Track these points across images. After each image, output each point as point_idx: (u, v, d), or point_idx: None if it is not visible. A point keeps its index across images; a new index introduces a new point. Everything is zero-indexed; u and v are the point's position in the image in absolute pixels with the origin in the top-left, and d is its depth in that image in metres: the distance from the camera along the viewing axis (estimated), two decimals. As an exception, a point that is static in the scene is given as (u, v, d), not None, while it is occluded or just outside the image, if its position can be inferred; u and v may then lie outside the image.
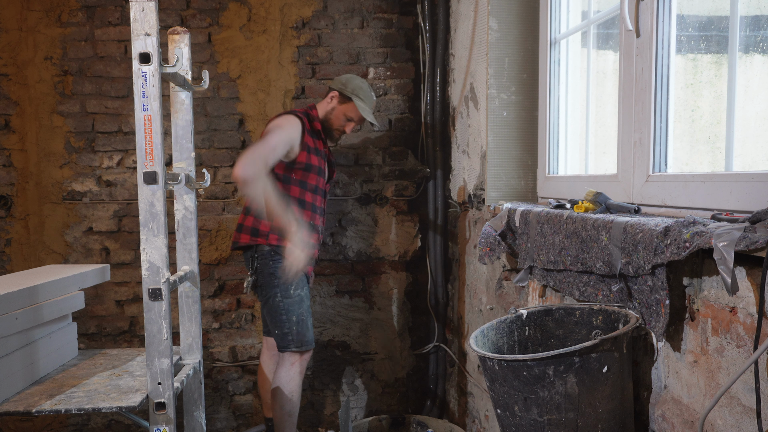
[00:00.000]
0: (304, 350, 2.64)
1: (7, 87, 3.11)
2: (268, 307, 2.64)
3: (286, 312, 2.60)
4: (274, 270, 2.58)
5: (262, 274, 2.61)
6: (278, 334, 2.63)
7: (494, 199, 2.42)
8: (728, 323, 1.13)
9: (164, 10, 3.13)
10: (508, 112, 2.40)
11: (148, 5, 1.63)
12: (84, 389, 1.90)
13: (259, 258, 2.61)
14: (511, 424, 1.38)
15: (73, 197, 3.19)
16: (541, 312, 1.60)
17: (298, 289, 2.61)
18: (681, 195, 1.46)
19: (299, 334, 2.61)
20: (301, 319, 2.62)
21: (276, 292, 2.59)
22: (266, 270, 2.60)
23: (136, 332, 3.27)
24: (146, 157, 1.67)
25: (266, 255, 2.60)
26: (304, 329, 2.63)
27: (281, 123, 2.54)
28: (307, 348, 2.64)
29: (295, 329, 2.61)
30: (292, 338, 2.61)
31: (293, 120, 2.57)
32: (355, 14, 3.25)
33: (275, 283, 2.59)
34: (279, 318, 2.61)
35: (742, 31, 1.32)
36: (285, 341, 2.62)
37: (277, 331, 2.63)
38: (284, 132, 2.50)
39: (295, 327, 2.61)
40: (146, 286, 1.71)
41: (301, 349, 2.62)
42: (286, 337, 2.61)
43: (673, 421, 1.32)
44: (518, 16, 2.36)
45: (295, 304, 2.61)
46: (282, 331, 2.62)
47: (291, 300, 2.60)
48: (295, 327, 2.60)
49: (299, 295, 2.62)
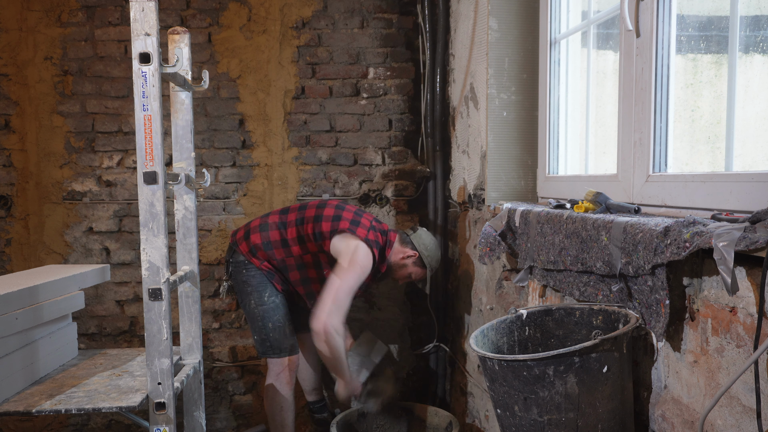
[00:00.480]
0: (284, 356, 2.64)
1: (7, 87, 3.11)
2: (246, 313, 2.68)
3: (261, 318, 2.62)
4: (247, 278, 2.61)
5: (235, 281, 2.66)
6: (256, 339, 2.67)
7: (494, 199, 2.42)
8: (728, 323, 1.13)
9: (164, 10, 3.13)
10: (508, 112, 2.40)
11: (148, 5, 1.63)
12: (84, 389, 1.90)
13: (234, 264, 2.64)
14: (511, 424, 1.38)
15: (73, 197, 3.19)
16: (541, 312, 1.60)
17: (272, 296, 2.62)
18: (681, 195, 1.46)
19: (276, 341, 2.63)
20: (278, 325, 2.62)
21: (250, 300, 2.62)
22: (239, 278, 2.63)
23: (136, 332, 3.27)
24: (146, 157, 1.67)
25: (240, 264, 2.62)
26: (282, 336, 2.63)
27: (363, 263, 2.46)
28: (286, 354, 2.64)
29: (271, 335, 2.62)
30: (269, 344, 2.64)
31: (370, 260, 2.49)
32: (355, 14, 3.25)
33: (248, 290, 2.62)
34: (256, 324, 2.64)
35: (742, 31, 1.32)
36: (263, 347, 2.66)
37: (255, 336, 2.67)
38: (363, 274, 2.46)
39: (272, 333, 2.62)
40: (146, 286, 1.72)
41: (280, 355, 2.63)
42: (264, 343, 2.64)
43: (673, 421, 1.32)
44: (518, 16, 2.36)
45: (270, 311, 2.61)
46: (260, 337, 2.65)
47: (265, 307, 2.61)
48: (271, 333, 2.62)
49: (274, 301, 2.62)
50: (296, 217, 2.60)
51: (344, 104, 3.29)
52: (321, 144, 3.29)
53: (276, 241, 2.58)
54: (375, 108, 3.31)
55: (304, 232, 2.57)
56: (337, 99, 3.28)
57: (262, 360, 3.33)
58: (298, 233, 2.58)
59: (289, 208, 2.68)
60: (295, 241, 2.58)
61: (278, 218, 2.62)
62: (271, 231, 2.59)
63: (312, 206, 2.62)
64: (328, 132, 3.29)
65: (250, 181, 3.27)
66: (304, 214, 2.59)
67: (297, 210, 2.64)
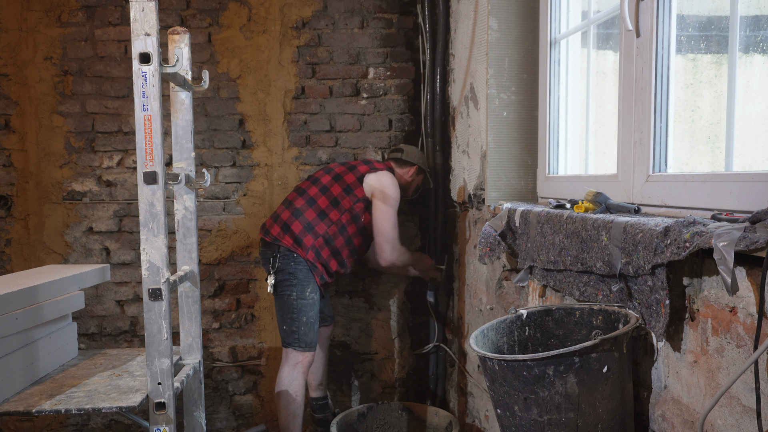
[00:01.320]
0: (306, 351, 2.72)
1: (7, 87, 3.11)
2: (281, 303, 2.73)
3: (298, 311, 2.69)
4: (294, 270, 2.69)
5: (282, 271, 2.70)
6: (285, 330, 2.72)
7: (494, 199, 2.42)
8: (728, 323, 1.13)
9: (164, 10, 3.13)
10: (508, 112, 2.40)
11: (148, 5, 1.63)
12: (84, 389, 1.90)
13: (281, 258, 2.71)
14: (511, 424, 1.38)
15: (73, 197, 3.19)
16: (541, 312, 1.60)
17: (313, 293, 2.72)
18: (681, 195, 1.46)
19: (305, 335, 2.71)
20: (310, 321, 2.71)
21: (292, 291, 2.70)
22: (287, 268, 2.70)
23: (136, 332, 3.27)
24: (146, 157, 1.67)
25: (287, 255, 2.70)
26: (310, 331, 2.72)
27: (394, 192, 2.80)
28: (309, 349, 2.73)
29: (303, 329, 2.70)
30: (298, 337, 2.70)
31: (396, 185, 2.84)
32: (355, 14, 3.25)
33: (294, 282, 2.70)
34: (290, 315, 2.70)
35: (742, 31, 1.32)
36: (291, 338, 2.71)
37: (285, 326, 2.72)
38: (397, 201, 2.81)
39: (303, 327, 2.70)
40: (146, 286, 1.72)
41: (304, 349, 2.71)
42: (293, 334, 2.71)
43: (673, 421, 1.32)
44: (518, 16, 2.36)
45: (307, 306, 2.70)
46: (290, 328, 2.71)
47: (305, 301, 2.70)
48: (303, 327, 2.70)
49: (313, 298, 2.72)
50: (318, 189, 2.79)
51: (344, 104, 3.29)
52: (321, 144, 3.29)
53: (314, 218, 2.74)
54: (375, 108, 3.31)
55: (336, 193, 2.78)
56: (337, 99, 3.28)
57: (262, 360, 3.33)
58: (329, 199, 2.77)
59: (300, 187, 2.85)
60: (330, 207, 2.76)
61: (302, 200, 2.77)
62: (306, 212, 2.75)
63: (323, 175, 2.84)
64: (328, 132, 3.29)
65: (250, 181, 3.27)
66: (323, 183, 2.80)
67: (312, 184, 2.82)
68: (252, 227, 3.28)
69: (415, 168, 2.97)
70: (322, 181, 2.80)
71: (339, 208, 2.76)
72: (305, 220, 2.73)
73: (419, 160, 2.98)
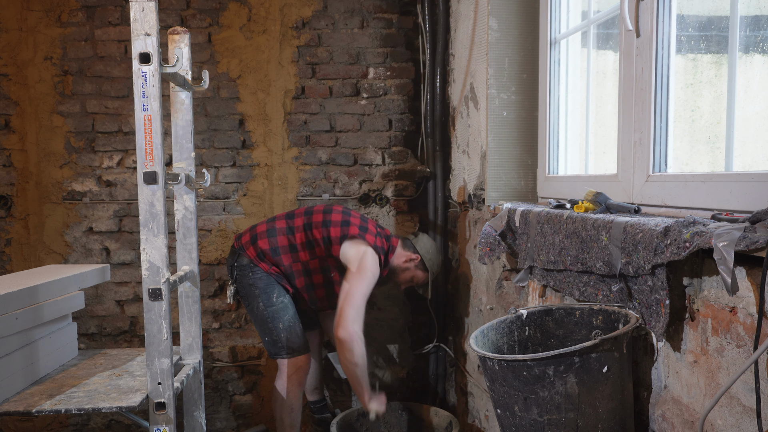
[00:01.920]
0: (296, 356, 2.63)
1: (7, 87, 3.11)
2: (253, 316, 2.64)
3: (272, 319, 2.59)
4: (254, 281, 2.59)
5: (241, 284, 2.62)
6: (268, 341, 2.63)
7: (494, 199, 2.42)
8: (728, 323, 1.13)
9: (164, 10, 3.13)
10: (508, 112, 2.40)
11: (148, 5, 1.63)
12: (84, 389, 1.90)
13: (239, 268, 2.61)
14: (511, 424, 1.38)
15: (73, 197, 3.19)
16: (541, 312, 1.60)
17: (281, 296, 2.61)
18: (681, 195, 1.46)
19: (289, 340, 2.61)
20: (289, 324, 2.60)
21: (258, 302, 2.59)
22: (245, 281, 2.60)
23: (136, 332, 3.27)
24: (146, 157, 1.67)
25: (245, 267, 2.60)
26: (292, 335, 2.61)
27: (373, 269, 2.52)
28: (297, 353, 2.63)
29: (283, 336, 2.60)
30: (282, 345, 2.61)
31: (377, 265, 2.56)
32: (355, 14, 3.25)
33: (256, 293, 2.59)
34: (266, 326, 2.60)
35: (742, 31, 1.32)
36: (276, 348, 2.63)
37: (266, 338, 2.63)
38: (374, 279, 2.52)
39: (283, 333, 2.60)
40: (146, 286, 1.72)
41: (293, 355, 2.62)
42: (276, 344, 2.62)
43: (673, 421, 1.32)
44: (518, 16, 2.36)
45: (279, 311, 2.60)
46: (271, 338, 2.62)
47: (275, 307, 2.59)
48: (283, 333, 2.60)
49: (282, 301, 2.61)
50: (303, 222, 2.62)
51: (344, 104, 3.29)
52: (321, 144, 3.29)
53: (284, 246, 2.60)
54: (375, 108, 3.31)
55: (313, 237, 2.59)
56: (337, 99, 3.28)
57: (262, 360, 3.33)
58: (306, 238, 2.59)
59: (294, 212, 2.69)
60: (303, 246, 2.59)
61: (285, 224, 2.63)
62: (279, 236, 2.60)
63: (318, 211, 2.65)
64: (328, 132, 3.29)
65: (250, 181, 3.27)
66: (311, 219, 2.61)
67: (303, 215, 2.65)
68: (252, 227, 3.28)
69: (417, 259, 2.71)
70: (312, 218, 2.62)
71: (311, 252, 2.60)
72: (275, 243, 2.59)
73: (426, 254, 2.72)
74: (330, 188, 3.30)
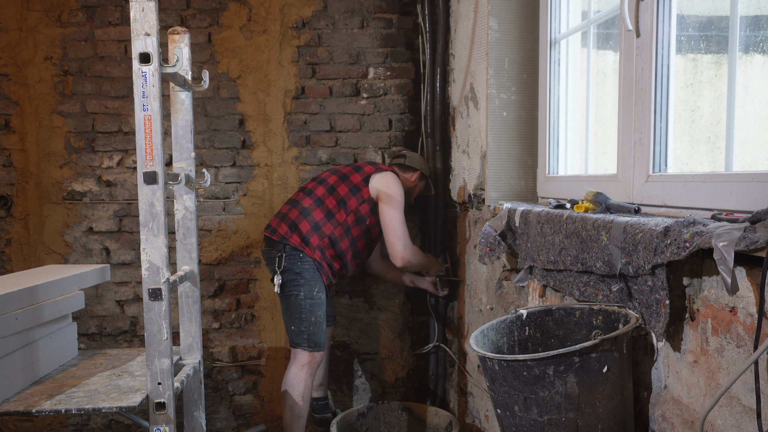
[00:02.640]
0: (315, 351, 2.71)
1: (7, 87, 3.11)
2: (288, 303, 2.71)
3: (307, 311, 2.68)
4: (301, 270, 2.69)
5: (288, 272, 2.69)
6: (294, 330, 2.71)
7: (494, 199, 2.42)
8: (728, 323, 1.13)
9: (164, 10, 3.13)
10: (508, 112, 2.40)
11: (148, 5, 1.63)
12: (84, 389, 1.90)
13: (287, 257, 2.70)
14: (511, 424, 1.38)
15: (73, 197, 3.19)
16: (541, 312, 1.60)
17: (320, 293, 2.72)
18: (681, 195, 1.46)
19: (314, 335, 2.70)
20: (318, 321, 2.71)
21: (300, 291, 2.69)
22: (293, 268, 2.69)
23: (136, 332, 3.27)
24: (146, 157, 1.67)
25: (293, 255, 2.69)
26: (319, 331, 2.71)
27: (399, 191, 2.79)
28: (318, 349, 2.72)
29: (311, 329, 2.70)
30: (306, 337, 2.69)
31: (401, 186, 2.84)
32: (355, 14, 3.25)
33: (301, 282, 2.69)
34: (298, 315, 2.69)
35: (742, 31, 1.32)
36: (299, 338, 2.70)
37: (293, 327, 2.71)
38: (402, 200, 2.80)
39: (312, 327, 2.70)
40: (146, 286, 1.72)
41: (313, 349, 2.71)
42: (301, 334, 2.70)
43: (673, 421, 1.32)
44: (518, 16, 2.36)
45: (315, 306, 2.70)
46: (299, 328, 2.70)
47: (313, 301, 2.69)
48: (312, 327, 2.70)
49: (320, 298, 2.72)
50: (325, 189, 2.79)
51: (344, 104, 3.29)
52: (321, 144, 3.29)
53: (321, 218, 2.74)
54: (375, 108, 3.31)
55: (343, 194, 2.78)
56: (337, 99, 3.28)
57: (262, 360, 3.33)
58: (336, 199, 2.77)
59: (306, 188, 2.84)
60: (337, 208, 2.76)
61: (310, 200, 2.77)
62: (314, 212, 2.75)
63: (329, 176, 2.84)
64: (328, 132, 3.29)
65: (250, 181, 3.27)
66: (330, 184, 2.80)
67: (319, 185, 2.81)
68: (252, 227, 3.28)
69: (418, 173, 2.98)
70: (329, 182, 2.80)
71: (345, 208, 2.76)
72: (313, 220, 2.72)
73: (422, 166, 2.99)
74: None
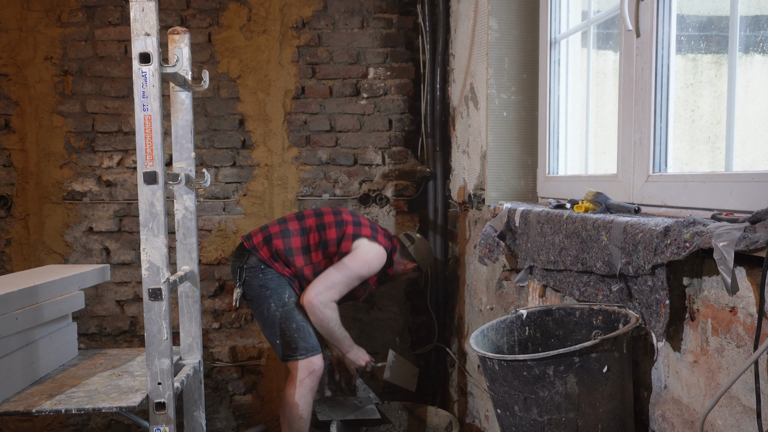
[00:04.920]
0: (311, 355, 2.58)
1: (7, 87, 3.11)
2: (263, 318, 2.60)
3: (285, 319, 2.56)
4: (264, 281, 2.57)
5: (250, 286, 2.58)
6: (279, 344, 2.59)
7: (494, 199, 2.42)
8: (728, 323, 1.13)
9: (164, 10, 3.13)
10: (508, 112, 2.40)
11: (148, 5, 1.63)
12: (84, 389, 1.90)
13: (248, 270, 2.59)
14: (511, 424, 1.38)
15: (73, 197, 3.19)
16: (541, 312, 1.60)
17: (291, 297, 2.60)
18: (681, 195, 1.46)
19: (302, 340, 2.57)
20: (301, 324, 2.58)
21: (269, 303, 2.57)
22: (255, 282, 2.58)
23: (136, 332, 3.27)
24: (146, 157, 1.67)
25: (255, 268, 2.58)
26: (307, 334, 2.58)
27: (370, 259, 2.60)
28: (313, 352, 2.58)
29: (296, 335, 2.57)
30: (295, 345, 2.57)
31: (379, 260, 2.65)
32: (355, 14, 3.25)
33: (267, 294, 2.56)
34: (278, 327, 2.57)
35: (742, 31, 1.32)
36: (289, 350, 2.57)
37: (277, 341, 2.59)
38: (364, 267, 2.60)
39: (296, 333, 2.57)
40: (146, 286, 1.72)
41: (307, 354, 2.57)
42: (289, 345, 2.57)
43: (673, 421, 1.32)
44: (518, 16, 2.36)
45: (291, 310, 2.58)
46: (284, 340, 2.57)
47: (287, 307, 2.57)
48: (296, 333, 2.57)
49: (294, 301, 2.60)
50: (316, 223, 2.66)
51: (344, 104, 3.29)
52: (321, 144, 3.29)
53: (297, 248, 2.61)
54: (375, 108, 3.31)
55: (327, 237, 2.63)
56: (337, 99, 3.28)
57: (262, 360, 3.33)
58: (320, 238, 2.63)
59: (303, 213, 2.71)
60: (316, 247, 2.63)
61: (297, 225, 2.64)
62: (293, 237, 2.62)
63: (328, 212, 2.71)
64: (328, 132, 3.29)
65: (250, 181, 3.27)
66: (323, 220, 2.66)
67: (314, 216, 2.68)
68: (252, 227, 3.27)
69: (414, 265, 2.81)
70: (324, 219, 2.66)
71: (324, 252, 2.63)
72: (289, 244, 2.60)
73: (422, 261, 2.81)
74: (330, 188, 3.30)
